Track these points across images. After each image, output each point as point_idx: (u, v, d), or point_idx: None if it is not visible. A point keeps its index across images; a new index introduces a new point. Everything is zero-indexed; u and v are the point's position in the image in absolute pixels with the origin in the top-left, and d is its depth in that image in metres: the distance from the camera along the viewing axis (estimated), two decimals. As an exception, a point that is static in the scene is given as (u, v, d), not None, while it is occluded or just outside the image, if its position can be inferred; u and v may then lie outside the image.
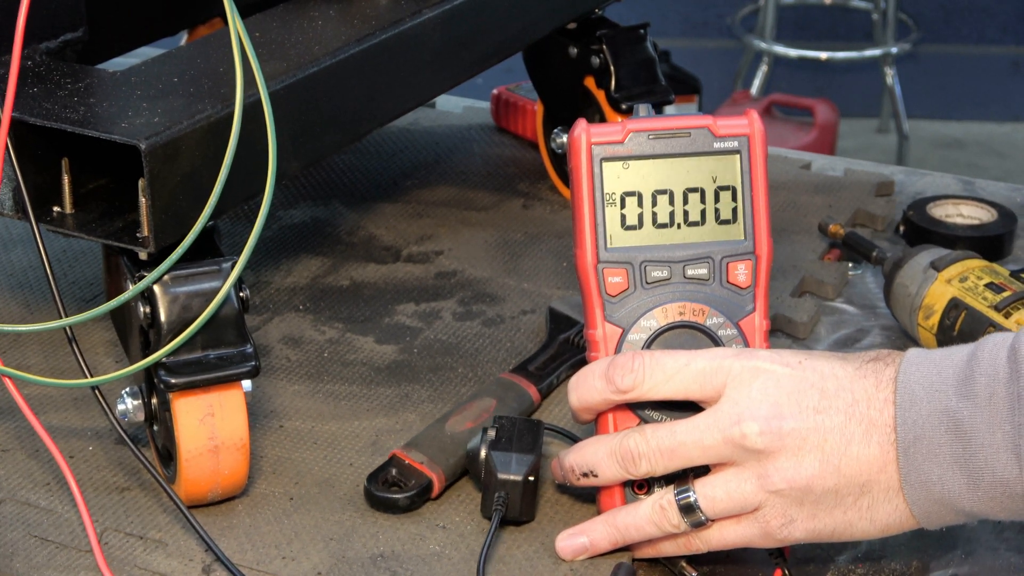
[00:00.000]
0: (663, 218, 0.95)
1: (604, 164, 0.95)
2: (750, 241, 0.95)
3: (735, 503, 0.89)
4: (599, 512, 0.95)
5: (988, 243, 1.28)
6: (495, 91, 1.53)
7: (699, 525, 0.90)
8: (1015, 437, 0.83)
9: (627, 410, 0.93)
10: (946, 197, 1.33)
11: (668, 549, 0.93)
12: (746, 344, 0.94)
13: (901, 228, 1.31)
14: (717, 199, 0.95)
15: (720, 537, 0.91)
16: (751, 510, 0.89)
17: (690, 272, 0.95)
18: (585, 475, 0.93)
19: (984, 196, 1.38)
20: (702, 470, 0.91)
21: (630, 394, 0.91)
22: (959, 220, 1.32)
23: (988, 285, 1.12)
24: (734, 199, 0.95)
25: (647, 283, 0.95)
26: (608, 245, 0.95)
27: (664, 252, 0.95)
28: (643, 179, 0.95)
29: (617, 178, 0.95)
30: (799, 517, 0.89)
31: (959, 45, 4.14)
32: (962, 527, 0.98)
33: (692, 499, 0.90)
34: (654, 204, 0.95)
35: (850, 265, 1.28)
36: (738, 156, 0.95)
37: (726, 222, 0.96)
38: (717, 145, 0.95)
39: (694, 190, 0.95)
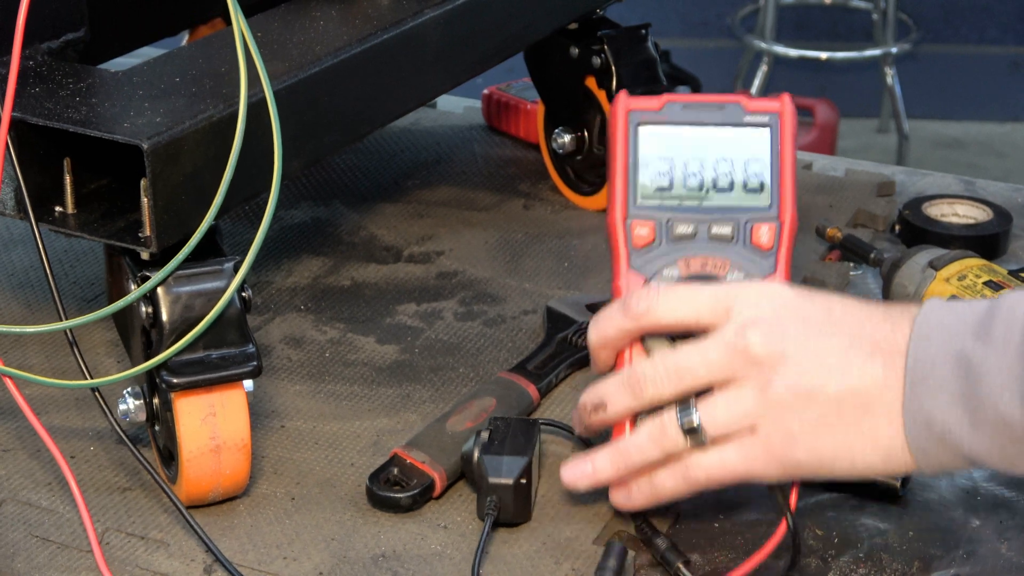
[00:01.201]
0: (693, 182, 0.98)
1: (640, 128, 0.99)
2: (776, 208, 0.97)
3: (735, 416, 0.89)
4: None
5: (984, 242, 1.28)
6: (486, 91, 1.52)
7: (699, 444, 0.90)
8: (1023, 379, 0.82)
9: (643, 352, 0.95)
10: (941, 196, 1.33)
11: (667, 484, 0.92)
12: None
13: (897, 227, 1.31)
14: (746, 169, 0.98)
15: (720, 462, 0.90)
16: (750, 426, 0.89)
17: (715, 230, 0.97)
18: (596, 408, 0.94)
19: (985, 196, 1.38)
20: (706, 395, 0.91)
21: (644, 319, 0.92)
22: (954, 219, 1.32)
23: (987, 283, 1.12)
24: (762, 169, 0.98)
25: (672, 237, 0.97)
26: (638, 202, 0.98)
27: (691, 211, 0.97)
28: (676, 145, 0.98)
29: (651, 142, 0.98)
30: (800, 432, 0.88)
31: (959, 45, 4.14)
32: (963, 527, 0.98)
33: (693, 414, 0.90)
34: (685, 168, 0.98)
35: (851, 265, 1.28)
36: (768, 130, 0.98)
37: (753, 191, 0.98)
38: (748, 119, 0.99)
39: (724, 159, 0.98)
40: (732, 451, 0.90)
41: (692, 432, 0.90)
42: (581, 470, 0.95)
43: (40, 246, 0.94)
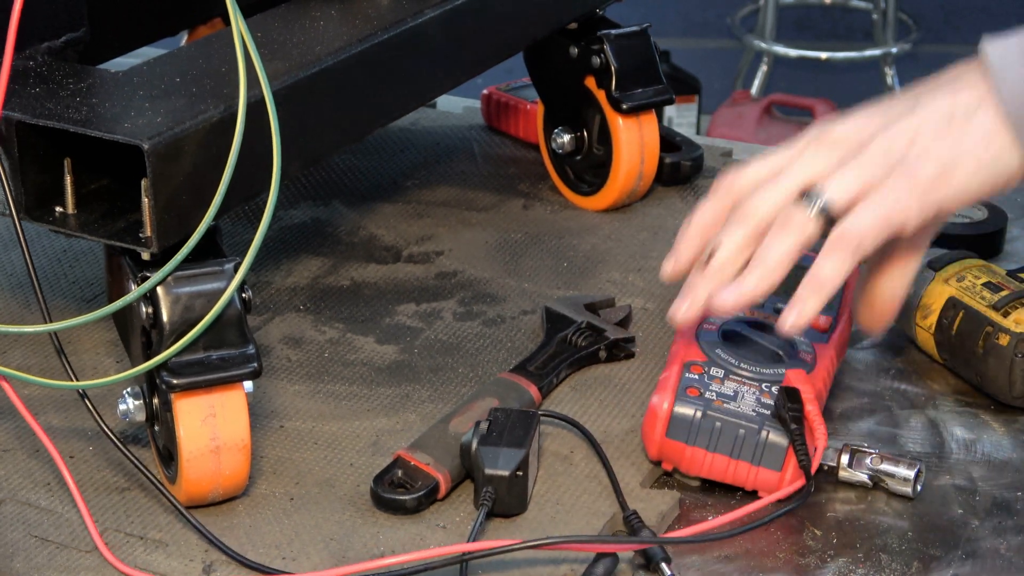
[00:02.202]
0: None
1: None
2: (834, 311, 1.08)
3: (856, 175, 0.91)
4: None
5: (979, 241, 1.27)
6: (485, 91, 1.52)
7: (829, 220, 0.91)
8: None
9: (698, 349, 1.03)
10: None
11: (826, 267, 0.92)
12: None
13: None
14: None
15: (867, 214, 0.91)
16: (872, 184, 0.91)
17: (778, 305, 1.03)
18: (709, 257, 0.95)
19: (984, 196, 1.38)
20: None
21: (733, 184, 0.95)
22: (949, 218, 1.31)
23: (986, 284, 1.12)
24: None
25: None
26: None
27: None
28: None
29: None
30: (917, 156, 0.91)
31: (959, 45, 4.13)
32: (963, 527, 0.98)
33: (816, 195, 0.92)
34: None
35: (850, 265, 1.28)
36: None
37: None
38: None
39: None
40: (871, 201, 0.91)
41: (823, 211, 0.91)
42: (685, 303, 0.95)
43: (23, 245, 0.94)
